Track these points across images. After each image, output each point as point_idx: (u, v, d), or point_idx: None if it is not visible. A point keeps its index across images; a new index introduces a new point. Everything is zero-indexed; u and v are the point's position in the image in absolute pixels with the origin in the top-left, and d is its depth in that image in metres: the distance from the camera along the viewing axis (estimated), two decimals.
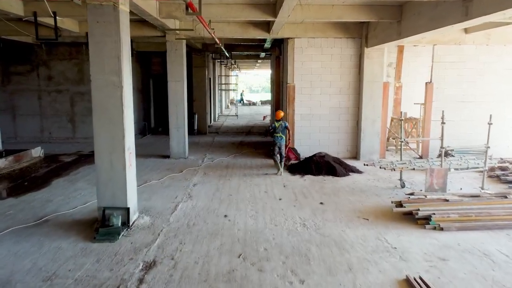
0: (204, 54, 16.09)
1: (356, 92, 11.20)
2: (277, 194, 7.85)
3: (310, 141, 11.35)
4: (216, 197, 7.59)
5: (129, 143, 5.92)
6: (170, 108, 11.07)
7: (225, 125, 20.24)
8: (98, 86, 5.66)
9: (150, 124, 18.32)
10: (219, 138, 15.59)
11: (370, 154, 11.12)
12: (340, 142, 11.41)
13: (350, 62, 11.10)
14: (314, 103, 11.24)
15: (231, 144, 14.01)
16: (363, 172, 9.73)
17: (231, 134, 16.73)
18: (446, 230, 5.87)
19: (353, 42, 11.03)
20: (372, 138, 11.07)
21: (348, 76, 11.16)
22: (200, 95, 16.30)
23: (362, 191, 8.10)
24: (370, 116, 10.98)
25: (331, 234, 5.79)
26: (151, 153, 12.10)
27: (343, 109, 11.27)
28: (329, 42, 11.03)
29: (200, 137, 15.69)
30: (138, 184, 8.41)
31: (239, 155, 11.97)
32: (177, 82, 10.97)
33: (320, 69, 11.12)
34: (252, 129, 18.81)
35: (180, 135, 11.15)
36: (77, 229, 5.89)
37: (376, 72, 10.84)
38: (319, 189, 8.19)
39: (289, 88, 11.18)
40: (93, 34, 5.57)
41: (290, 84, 11.15)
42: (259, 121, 22.80)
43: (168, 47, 10.86)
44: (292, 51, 11.05)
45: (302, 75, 11.14)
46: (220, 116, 24.47)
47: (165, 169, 9.92)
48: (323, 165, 9.65)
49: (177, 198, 7.53)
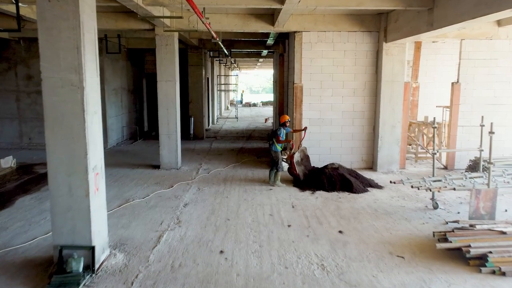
0: (201, 51, 14.70)
1: (372, 93, 9.80)
2: (285, 218, 6.46)
3: (320, 149, 9.96)
4: (211, 223, 6.20)
5: (95, 162, 4.52)
6: (160, 112, 9.68)
7: (224, 129, 18.85)
8: (51, 87, 4.26)
9: (143, 127, 16.94)
10: (217, 143, 14.20)
11: (388, 164, 9.72)
12: (354, 151, 10.02)
13: (365, 59, 9.71)
14: (324, 106, 9.85)
15: (230, 151, 12.62)
16: (383, 187, 8.35)
17: (231, 139, 15.34)
18: (510, 275, 4.49)
19: (370, 37, 9.63)
20: (391, 146, 9.68)
21: (364, 76, 9.77)
22: (197, 96, 14.91)
23: (387, 213, 6.70)
24: (389, 121, 9.59)
25: (360, 283, 4.39)
26: (140, 162, 10.71)
27: (358, 113, 9.88)
28: (342, 36, 9.64)
29: (196, 142, 14.29)
30: (118, 203, 7.05)
31: (239, 164, 10.58)
32: (168, 82, 9.58)
33: (331, 67, 9.73)
34: (253, 133, 17.42)
35: (172, 143, 9.76)
36: (26, 274, 4.50)
37: (396, 71, 9.45)
38: (335, 211, 6.80)
39: (296, 89, 9.79)
40: (44, 17, 4.17)
41: (297, 84, 9.76)
42: (260, 123, 21.41)
43: (158, 41, 9.47)
44: (300, 47, 9.66)
45: (311, 74, 9.75)
46: (219, 118, 23.10)
47: (153, 183, 8.53)
48: (337, 179, 8.25)
49: (162, 224, 6.14)
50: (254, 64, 28.63)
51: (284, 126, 8.53)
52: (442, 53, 12.99)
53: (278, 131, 8.46)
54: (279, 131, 8.46)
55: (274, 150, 8.50)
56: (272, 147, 8.51)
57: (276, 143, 8.45)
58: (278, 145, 8.49)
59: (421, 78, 12.83)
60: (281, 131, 8.45)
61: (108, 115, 12.93)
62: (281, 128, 8.51)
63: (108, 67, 13.01)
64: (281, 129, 8.49)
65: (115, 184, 8.46)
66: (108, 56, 12.92)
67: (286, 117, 8.61)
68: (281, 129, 8.49)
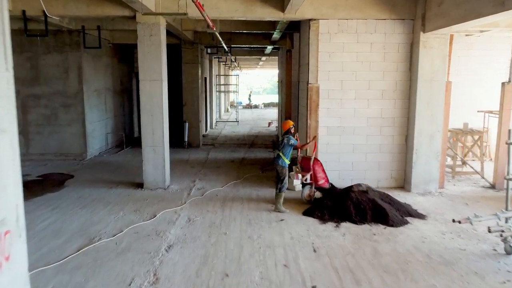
0: (197, 47, 12.86)
1: (405, 95, 7.97)
2: (306, 271, 4.60)
3: (340, 164, 8.12)
4: (201, 282, 4.35)
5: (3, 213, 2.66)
6: (143, 118, 7.85)
7: (224, 134, 16.99)
8: None
9: (133, 133, 15.10)
10: (215, 153, 12.34)
11: (425, 183, 7.88)
12: (381, 166, 8.17)
13: (397, 53, 7.88)
14: (346, 111, 8.01)
15: (229, 163, 10.77)
16: (425, 217, 6.51)
17: (231, 147, 13.49)
18: None
19: (402, 26, 7.80)
20: (428, 161, 7.84)
21: (395, 74, 7.93)
22: (192, 98, 13.07)
23: (446, 262, 4.85)
24: (426, 130, 7.76)
25: None
26: (121, 178, 8.87)
27: (387, 120, 8.05)
28: (369, 25, 7.80)
29: (191, 151, 12.45)
30: (78, 245, 5.21)
31: (240, 182, 8.73)
32: (153, 82, 7.75)
33: (355, 63, 7.90)
34: (256, 139, 15.56)
35: (158, 157, 7.91)
36: None
37: (437, 68, 7.62)
38: (373, 258, 4.95)
39: (311, 91, 7.94)
40: None
41: (312, 85, 7.92)
42: (263, 128, 19.56)
43: (140, 31, 7.64)
44: (316, 39, 7.81)
45: (330, 72, 7.91)
46: (218, 122, 21.26)
47: (131, 211, 6.68)
48: (367, 206, 6.40)
49: (131, 286, 4.28)
50: (255, 63, 26.80)
51: (288, 133, 6.83)
52: (476, 48, 11.15)
53: (288, 140, 6.72)
54: (289, 140, 6.72)
55: (281, 165, 6.74)
56: (279, 161, 6.75)
57: (283, 156, 6.68)
58: (286, 157, 6.72)
59: (452, 77, 10.99)
60: (291, 139, 6.76)
61: (87, 120, 11.09)
62: (290, 136, 6.78)
63: (87, 65, 11.17)
64: (290, 137, 6.77)
65: (82, 212, 6.61)
66: (88, 52, 11.09)
67: (289, 123, 6.90)
68: (290, 137, 6.77)
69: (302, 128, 8.65)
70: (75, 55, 10.75)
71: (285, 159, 6.73)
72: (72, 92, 10.89)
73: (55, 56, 10.75)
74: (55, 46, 10.73)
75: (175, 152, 12.19)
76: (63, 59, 10.78)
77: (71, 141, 11.04)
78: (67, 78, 10.84)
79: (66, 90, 10.88)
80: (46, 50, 10.72)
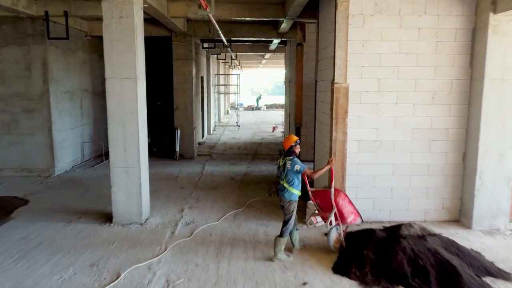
0: (190, 40, 10.83)
1: (463, 99, 5.95)
2: None
3: (375, 191, 6.10)
4: None
5: None
6: (112, 129, 5.82)
7: (223, 141, 14.94)
8: None
9: None
10: (212, 166, 10.31)
11: (492, 217, 5.86)
12: (430, 193, 6.14)
13: (454, 42, 5.85)
14: (384, 120, 5.99)
15: (228, 182, 8.74)
16: (511, 276, 4.48)
17: (230, 158, 11.45)
18: None
19: (462, 5, 5.78)
20: (496, 187, 5.82)
21: (450, 70, 5.91)
22: (185, 100, 11.04)
23: None
24: (494, 146, 5.73)
25: None
26: (88, 205, 6.85)
27: (439, 132, 6.02)
28: (416, 4, 5.78)
29: (183, 164, 10.42)
30: None
31: (242, 210, 6.71)
32: (124, 81, 5.73)
33: (397, 57, 5.87)
34: (260, 147, 13.51)
35: (132, 182, 5.88)
36: None
37: (511, 62, 5.60)
38: None
39: (337, 93, 5.90)
40: None
41: (339, 85, 5.89)
42: (267, 133, 17.51)
43: (106, 12, 5.60)
44: (345, 23, 5.78)
45: (363, 68, 5.89)
46: (217, 126, 19.22)
47: (85, 266, 4.65)
48: (427, 261, 4.38)
49: None
50: (258, 61, 24.76)
51: (290, 154, 4.84)
52: None
53: (292, 165, 4.74)
54: (294, 164, 4.73)
55: (288, 199, 4.81)
56: (284, 194, 4.81)
57: (290, 187, 4.76)
58: (294, 187, 4.79)
59: None
60: (297, 162, 4.75)
61: (55, 128, 9.08)
62: (295, 159, 4.78)
63: (56, 61, 9.16)
64: (295, 160, 4.77)
65: (16, 268, 4.59)
66: (57, 46, 9.08)
67: (292, 139, 4.90)
68: (295, 160, 4.77)
69: (324, 142, 6.62)
70: (39, 49, 8.73)
71: (292, 190, 4.77)
72: (35, 93, 8.87)
73: (14, 49, 8.73)
74: (14, 38, 8.72)
75: (163, 165, 10.18)
76: (24, 54, 8.76)
77: (35, 153, 9.02)
78: (29, 76, 8.82)
79: (29, 92, 8.86)
80: (3, 42, 8.71)
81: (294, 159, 4.75)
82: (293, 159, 4.75)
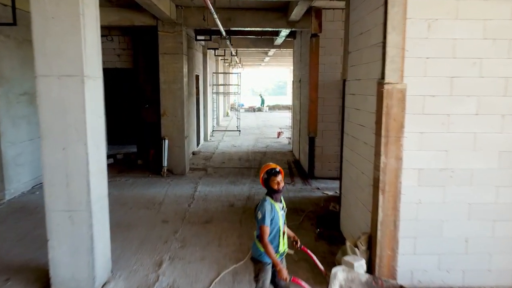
0: (181, 30, 8.84)
1: None
2: None
3: (442, 242, 4.11)
4: None
5: None
6: (45, 155, 3.81)
7: (221, 150, 12.94)
8: None
9: None
10: (207, 186, 8.32)
11: None
12: None
13: None
14: (457, 138, 4.00)
15: (227, 211, 6.75)
16: None
17: (230, 174, 9.46)
18: None
19: None
20: None
21: None
22: (174, 104, 9.06)
23: None
24: None
25: None
26: (26, 256, 4.85)
27: None
28: None
29: (171, 184, 8.44)
30: None
31: (244, 265, 4.70)
32: (64, 81, 3.73)
33: (479, 43, 3.89)
34: (265, 158, 11.50)
35: (80, 232, 3.89)
36: None
37: None
38: None
39: (388, 98, 3.91)
40: None
41: (391, 86, 3.89)
42: (272, 139, 15.49)
43: None
44: None
45: (428, 60, 3.90)
46: (215, 131, 17.21)
47: None
48: None
49: None
50: (260, 59, 22.73)
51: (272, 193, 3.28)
52: None
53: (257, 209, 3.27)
54: (259, 208, 3.25)
55: (254, 257, 3.35)
56: (252, 248, 3.39)
57: (256, 239, 3.30)
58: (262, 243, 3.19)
59: None
60: (263, 207, 3.23)
61: (6, 140, 7.12)
62: (265, 201, 3.25)
63: (8, 55, 7.19)
64: (264, 203, 3.25)
65: None
66: (8, 35, 7.10)
67: (267, 167, 3.38)
68: (264, 203, 3.25)
69: (361, 167, 4.64)
70: None
71: (259, 246, 3.22)
72: None
73: None
74: None
75: (147, 185, 8.21)
76: None
77: None
78: None
79: None
80: None
81: (263, 201, 3.23)
82: (262, 201, 3.24)
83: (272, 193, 3.24)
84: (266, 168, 3.32)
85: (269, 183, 3.25)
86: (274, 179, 3.23)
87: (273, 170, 3.28)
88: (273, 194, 3.24)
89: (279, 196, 3.30)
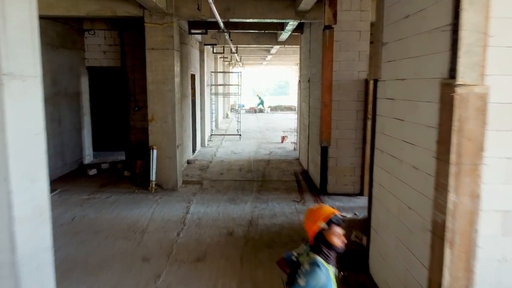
0: (171, 21, 7.54)
1: None
2: None
3: None
4: None
5: None
6: None
7: (219, 158, 11.63)
8: None
9: (81, 159, 9.85)
10: (201, 206, 7.02)
11: None
12: None
13: None
14: None
15: (224, 242, 5.45)
16: None
17: (229, 188, 8.17)
18: None
19: None
20: None
21: None
22: (164, 108, 7.76)
23: None
24: None
25: None
26: None
27: None
28: None
29: (159, 201, 7.15)
30: None
31: None
32: None
33: None
34: (268, 168, 10.20)
35: None
36: None
37: None
38: None
39: (462, 107, 2.61)
40: None
41: (466, 89, 2.60)
42: (275, 145, 14.20)
43: None
44: None
45: None
46: (213, 135, 15.91)
47: None
48: None
49: None
50: (262, 57, 21.42)
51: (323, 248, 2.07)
52: None
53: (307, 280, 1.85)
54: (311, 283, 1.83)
55: None
56: None
57: None
58: None
59: None
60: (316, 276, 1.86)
61: None
62: (318, 267, 1.93)
63: None
64: (319, 274, 1.89)
65: None
66: None
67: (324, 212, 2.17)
68: (319, 274, 1.89)
69: (415, 207, 3.34)
70: None
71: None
72: None
73: None
74: None
75: (130, 204, 6.94)
76: None
77: None
78: None
79: None
80: None
81: (313, 266, 1.99)
82: (312, 265, 2.00)
83: (327, 251, 2.11)
84: (326, 213, 2.18)
85: (326, 236, 2.11)
86: (336, 230, 2.15)
87: (336, 217, 2.18)
88: (329, 253, 2.11)
89: (335, 257, 2.17)
